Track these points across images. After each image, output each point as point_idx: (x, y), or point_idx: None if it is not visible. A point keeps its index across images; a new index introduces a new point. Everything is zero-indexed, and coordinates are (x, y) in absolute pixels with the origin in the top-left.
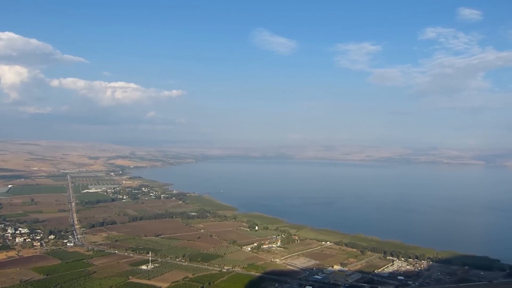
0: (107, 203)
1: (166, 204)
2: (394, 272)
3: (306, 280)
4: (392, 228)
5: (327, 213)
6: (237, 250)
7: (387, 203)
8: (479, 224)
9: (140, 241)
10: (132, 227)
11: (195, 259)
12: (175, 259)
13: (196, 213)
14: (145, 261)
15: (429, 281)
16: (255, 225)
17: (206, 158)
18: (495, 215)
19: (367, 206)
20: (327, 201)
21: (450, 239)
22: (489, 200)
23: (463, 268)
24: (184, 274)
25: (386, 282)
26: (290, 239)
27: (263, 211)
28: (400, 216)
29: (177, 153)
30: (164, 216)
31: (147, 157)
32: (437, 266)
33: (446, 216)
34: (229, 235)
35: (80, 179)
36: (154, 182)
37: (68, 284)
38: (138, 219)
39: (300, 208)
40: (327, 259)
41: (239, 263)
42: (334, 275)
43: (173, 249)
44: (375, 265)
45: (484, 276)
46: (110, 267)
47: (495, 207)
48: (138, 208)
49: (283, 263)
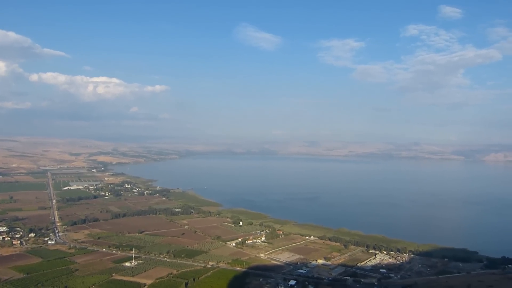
0: (89, 200)
1: (149, 201)
2: (376, 265)
3: (290, 275)
4: (375, 222)
5: (310, 208)
6: (222, 246)
7: (370, 197)
8: (458, 217)
9: (123, 238)
10: (115, 224)
11: (179, 255)
12: (159, 255)
13: (180, 209)
14: (128, 258)
15: (410, 274)
16: (240, 221)
17: (190, 154)
18: (474, 209)
19: (350, 201)
20: (311, 196)
21: (431, 233)
22: (468, 194)
23: (443, 260)
24: (168, 270)
25: (369, 275)
26: (274, 234)
27: (247, 207)
28: (382, 210)
29: (161, 149)
30: (147, 212)
31: (130, 153)
32: (418, 258)
33: (427, 210)
34: (213, 230)
35: (61, 176)
36: (137, 178)
37: (49, 282)
38: (121, 216)
39: (284, 203)
40: (311, 253)
41: (224, 259)
42: (318, 269)
43: (157, 245)
44: (358, 259)
45: (463, 268)
46: (92, 265)
47: (474, 201)
48: (121, 204)
49: (268, 258)
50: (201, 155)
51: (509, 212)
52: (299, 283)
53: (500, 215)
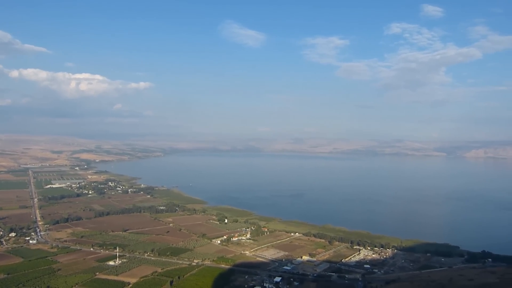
0: (72, 199)
1: (133, 199)
2: (360, 261)
3: (275, 271)
4: (359, 218)
5: (295, 205)
6: (207, 243)
7: (354, 194)
8: (440, 213)
9: (107, 236)
10: (98, 222)
11: (164, 254)
12: (144, 254)
13: (164, 207)
14: (112, 256)
15: (394, 269)
16: (225, 218)
17: (175, 152)
18: (455, 204)
19: (335, 198)
20: (296, 193)
21: (414, 228)
22: (450, 190)
23: (426, 255)
24: (153, 268)
25: (353, 271)
26: (259, 231)
27: (232, 204)
28: (366, 207)
29: (145, 146)
30: (131, 210)
31: (113, 150)
32: (402, 254)
33: (410, 206)
34: (198, 228)
35: (42, 174)
36: (121, 176)
37: (31, 283)
38: (104, 214)
39: (269, 201)
40: (296, 250)
41: (209, 256)
42: (303, 265)
43: (141, 243)
44: (342, 255)
45: (445, 262)
46: (75, 264)
47: (455, 197)
48: (104, 203)
49: (253, 255)
50: (186, 152)
51: (489, 208)
52: (284, 280)
53: (481, 211)
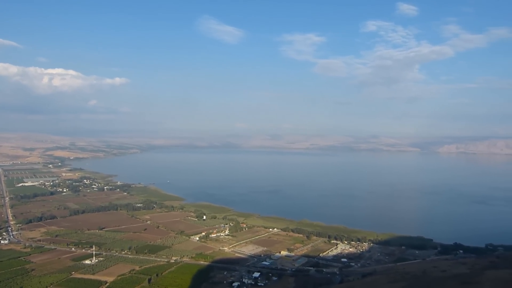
0: (45, 197)
1: (110, 196)
2: (338, 255)
3: (254, 267)
4: (336, 213)
5: (273, 200)
6: (185, 240)
7: (331, 189)
8: (414, 207)
9: (82, 235)
10: (73, 221)
11: (142, 251)
12: (121, 252)
13: (141, 204)
14: (88, 255)
15: (370, 262)
16: (203, 215)
17: (152, 148)
18: (428, 198)
19: (312, 193)
20: (274, 189)
21: (389, 222)
22: (423, 184)
23: (401, 248)
24: (131, 266)
25: (331, 265)
26: (238, 227)
27: (210, 201)
28: (343, 201)
29: (121, 143)
30: (108, 208)
31: (88, 147)
32: (377, 247)
33: (385, 200)
34: (176, 225)
35: (14, 172)
36: (97, 173)
37: (3, 284)
38: (80, 212)
39: (247, 197)
40: (274, 245)
41: (187, 253)
42: (282, 260)
43: (118, 242)
44: (320, 249)
45: (419, 255)
46: (50, 264)
47: (428, 191)
48: (79, 201)
49: (232, 251)
50: (163, 149)
51: (461, 201)
52: (263, 275)
53: (453, 204)
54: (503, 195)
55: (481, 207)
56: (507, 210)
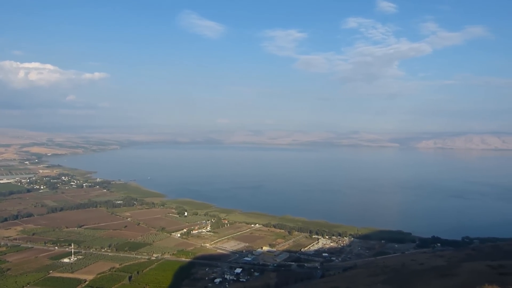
0: (21, 194)
1: (89, 193)
2: (319, 250)
3: (236, 263)
4: (318, 208)
5: (255, 196)
6: (166, 237)
7: (313, 185)
8: (393, 201)
9: (61, 233)
10: (51, 218)
11: (122, 249)
12: (101, 249)
13: (122, 201)
14: (67, 253)
15: (350, 256)
16: (184, 211)
17: (132, 144)
18: (407, 193)
19: (294, 189)
20: (256, 184)
21: (369, 217)
22: (402, 179)
23: (380, 242)
24: (111, 264)
25: (312, 260)
26: (219, 223)
27: (192, 197)
28: (324, 197)
29: (100, 139)
30: (87, 205)
31: (66, 144)
32: (358, 241)
33: (365, 195)
34: (157, 222)
35: None
36: (75, 170)
37: None
38: (58, 210)
39: (229, 193)
40: (256, 241)
41: (169, 250)
42: (263, 256)
43: (98, 239)
44: (302, 244)
45: (398, 248)
46: (27, 263)
47: (407, 185)
48: (57, 198)
49: (213, 247)
50: (143, 145)
51: (439, 196)
52: (245, 271)
53: (431, 199)
54: (478, 189)
55: (458, 201)
56: (483, 204)
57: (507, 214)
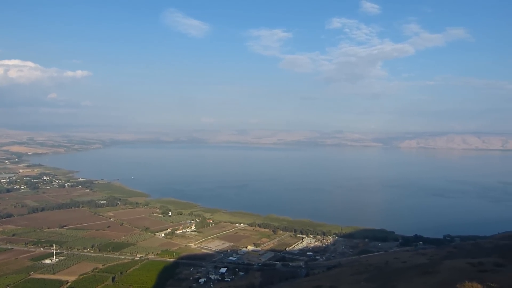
0: (1, 194)
1: (71, 193)
2: (304, 249)
3: (221, 262)
4: (302, 207)
5: (240, 196)
6: (150, 237)
7: (297, 184)
8: (377, 200)
9: (42, 233)
10: (32, 219)
11: (105, 249)
12: (83, 250)
13: (105, 201)
14: (48, 254)
15: (335, 255)
16: (169, 211)
17: (115, 143)
18: (390, 191)
19: (279, 188)
20: (240, 184)
21: (353, 215)
22: (386, 179)
23: (364, 240)
24: (94, 265)
25: (297, 259)
26: (204, 223)
27: (176, 196)
28: (309, 196)
29: (83, 138)
30: (69, 205)
31: (48, 142)
32: (342, 240)
33: (349, 194)
34: (141, 222)
35: None
36: (57, 169)
37: None
38: (39, 210)
39: (213, 192)
40: (241, 240)
41: (153, 250)
42: (248, 255)
43: (80, 240)
44: (286, 243)
45: (382, 247)
46: (6, 264)
47: (390, 184)
48: (39, 198)
49: (198, 247)
50: (127, 144)
51: (421, 194)
52: (230, 270)
53: (413, 197)
54: (460, 188)
55: (440, 199)
56: (464, 202)
57: (487, 212)
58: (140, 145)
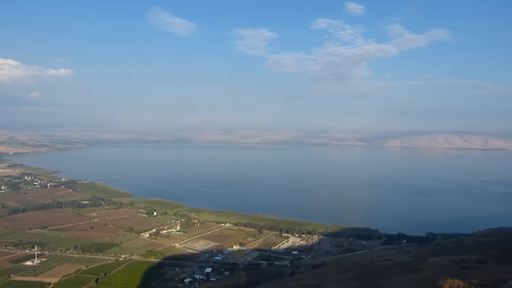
0: None
1: (53, 193)
2: (289, 248)
3: (206, 262)
4: (287, 207)
5: (225, 195)
6: (135, 238)
7: (283, 183)
8: (361, 199)
9: (23, 235)
10: (13, 220)
11: (89, 250)
12: (66, 251)
13: (88, 201)
14: (30, 256)
15: (320, 254)
16: (153, 211)
17: (99, 143)
18: (374, 190)
19: (264, 187)
20: (226, 183)
21: (338, 214)
22: (370, 178)
23: (349, 239)
24: (77, 266)
25: (282, 258)
26: (189, 223)
27: (161, 196)
28: (294, 195)
29: (66, 137)
30: (51, 206)
31: (29, 142)
32: (327, 239)
33: (334, 193)
34: (125, 222)
35: None
36: (39, 169)
37: None
38: (20, 211)
39: (199, 192)
40: (226, 240)
41: (137, 251)
42: (234, 255)
43: (63, 241)
44: (272, 243)
45: (366, 245)
46: None
47: (375, 183)
48: (20, 199)
49: (183, 247)
50: (111, 143)
51: (404, 193)
52: (215, 270)
53: (397, 196)
54: (442, 187)
55: (423, 198)
56: (446, 201)
57: (468, 210)
58: (125, 144)
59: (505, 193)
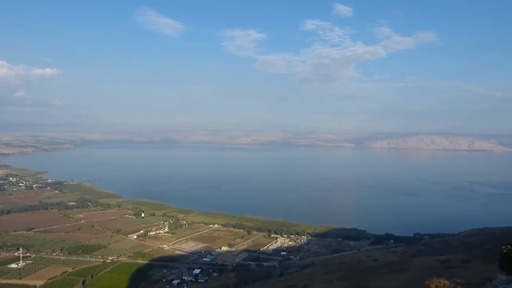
0: None
1: (39, 195)
2: (278, 249)
3: (194, 263)
4: (276, 207)
5: (214, 196)
6: (122, 239)
7: (271, 184)
8: (349, 200)
9: (8, 237)
10: None
11: (75, 252)
12: (52, 253)
13: (75, 202)
14: (15, 258)
15: (308, 254)
16: (141, 212)
17: (86, 143)
18: (362, 191)
19: (253, 188)
20: (214, 184)
21: (326, 215)
22: (358, 178)
23: (337, 240)
24: (63, 268)
25: (271, 259)
26: (178, 224)
27: (149, 197)
28: (283, 196)
29: (52, 138)
30: (37, 207)
31: (14, 142)
32: (315, 240)
33: (322, 194)
34: (113, 224)
35: None
36: (24, 170)
37: None
38: (5, 212)
39: (187, 193)
40: (215, 241)
41: (125, 252)
42: (222, 256)
43: (49, 243)
44: (260, 244)
45: (354, 246)
46: None
47: (362, 184)
48: (4, 200)
49: (171, 249)
50: (98, 144)
51: (392, 194)
52: (204, 271)
53: (384, 197)
54: (429, 187)
55: (410, 199)
56: (432, 201)
57: (454, 210)
58: (112, 145)
59: (490, 193)
